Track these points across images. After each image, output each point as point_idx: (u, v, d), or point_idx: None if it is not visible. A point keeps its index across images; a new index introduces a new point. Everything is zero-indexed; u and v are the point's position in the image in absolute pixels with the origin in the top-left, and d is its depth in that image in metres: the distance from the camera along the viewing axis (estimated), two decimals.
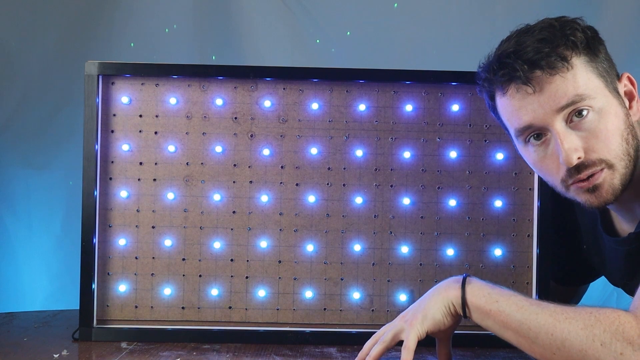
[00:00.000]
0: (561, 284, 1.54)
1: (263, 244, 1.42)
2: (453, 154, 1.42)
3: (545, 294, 1.39)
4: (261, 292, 1.42)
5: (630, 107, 1.18)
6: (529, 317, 1.04)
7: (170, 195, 1.41)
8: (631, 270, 1.31)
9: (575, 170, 1.14)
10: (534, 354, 1.05)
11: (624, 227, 1.30)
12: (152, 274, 1.41)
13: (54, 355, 1.26)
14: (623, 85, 1.19)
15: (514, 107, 1.17)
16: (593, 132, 1.13)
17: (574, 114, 1.13)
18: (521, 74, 1.13)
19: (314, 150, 1.42)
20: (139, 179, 1.41)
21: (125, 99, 1.41)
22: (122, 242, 1.41)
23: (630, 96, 1.19)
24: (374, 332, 1.38)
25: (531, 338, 1.04)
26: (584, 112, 1.13)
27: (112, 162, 1.41)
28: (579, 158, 1.13)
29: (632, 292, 1.36)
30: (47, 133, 2.23)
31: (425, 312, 1.13)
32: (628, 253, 1.29)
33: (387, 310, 1.42)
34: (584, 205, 1.19)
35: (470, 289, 1.11)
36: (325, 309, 1.42)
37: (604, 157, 1.14)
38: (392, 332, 1.14)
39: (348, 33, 2.30)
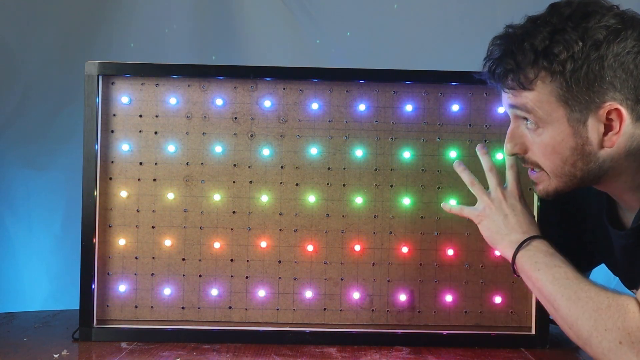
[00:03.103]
0: None
1: (263, 244, 1.42)
2: (453, 154, 1.42)
3: None
4: (261, 292, 1.42)
5: (604, 135, 1.14)
6: (557, 290, 1.13)
7: (170, 195, 1.41)
8: (627, 264, 1.33)
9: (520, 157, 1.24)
10: (557, 321, 1.15)
11: (628, 217, 1.31)
12: (152, 274, 1.41)
13: (54, 355, 1.26)
14: (599, 117, 1.12)
15: None
16: (533, 144, 1.19)
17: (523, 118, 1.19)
18: (489, 78, 1.20)
19: (313, 150, 1.42)
20: (139, 179, 1.41)
21: (125, 99, 1.41)
22: (122, 242, 1.41)
23: (608, 128, 1.13)
24: (374, 332, 1.39)
25: (555, 309, 1.14)
26: (528, 123, 1.18)
27: (112, 162, 1.41)
28: (515, 153, 1.22)
29: (628, 285, 1.38)
30: (47, 133, 2.23)
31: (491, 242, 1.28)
32: (624, 247, 1.29)
33: (387, 310, 1.42)
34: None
35: (522, 252, 1.21)
36: (325, 309, 1.42)
37: (540, 164, 1.20)
38: (474, 214, 1.31)
39: (348, 33, 2.30)
